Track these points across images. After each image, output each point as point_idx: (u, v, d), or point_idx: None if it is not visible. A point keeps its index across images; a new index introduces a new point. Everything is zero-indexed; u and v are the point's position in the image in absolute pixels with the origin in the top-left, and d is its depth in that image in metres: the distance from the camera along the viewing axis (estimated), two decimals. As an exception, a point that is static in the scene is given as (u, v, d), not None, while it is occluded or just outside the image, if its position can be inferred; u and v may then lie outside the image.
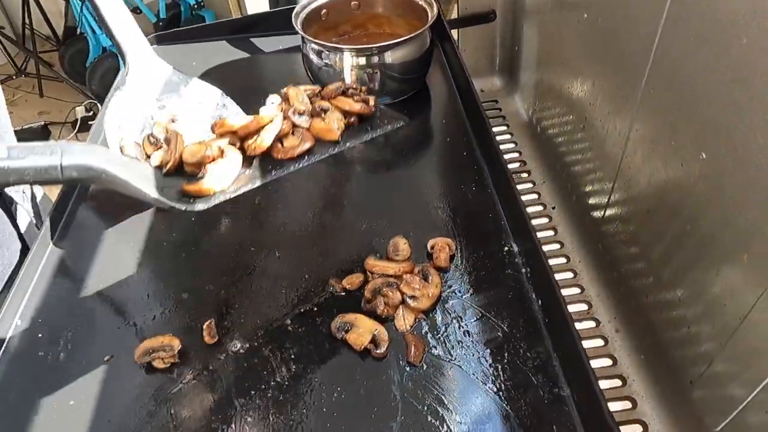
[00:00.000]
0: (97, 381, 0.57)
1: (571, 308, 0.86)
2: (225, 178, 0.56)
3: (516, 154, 1.14)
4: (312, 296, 0.64)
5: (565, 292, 0.88)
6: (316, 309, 0.63)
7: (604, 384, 0.77)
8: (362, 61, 0.85)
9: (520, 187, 1.07)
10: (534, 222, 1.00)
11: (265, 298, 0.64)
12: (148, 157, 0.61)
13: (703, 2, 0.56)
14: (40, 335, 0.62)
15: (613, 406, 0.74)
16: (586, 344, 0.81)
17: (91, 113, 2.74)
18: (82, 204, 0.78)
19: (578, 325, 0.83)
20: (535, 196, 1.05)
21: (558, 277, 0.91)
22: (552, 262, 0.93)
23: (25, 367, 0.59)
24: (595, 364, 0.79)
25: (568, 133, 0.99)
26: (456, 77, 0.97)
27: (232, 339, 0.60)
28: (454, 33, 1.23)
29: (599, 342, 0.82)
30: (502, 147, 1.16)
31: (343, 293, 0.64)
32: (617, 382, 0.77)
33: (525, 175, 1.10)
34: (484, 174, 0.78)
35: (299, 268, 0.67)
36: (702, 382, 0.66)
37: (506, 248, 0.68)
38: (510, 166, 1.12)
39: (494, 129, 1.19)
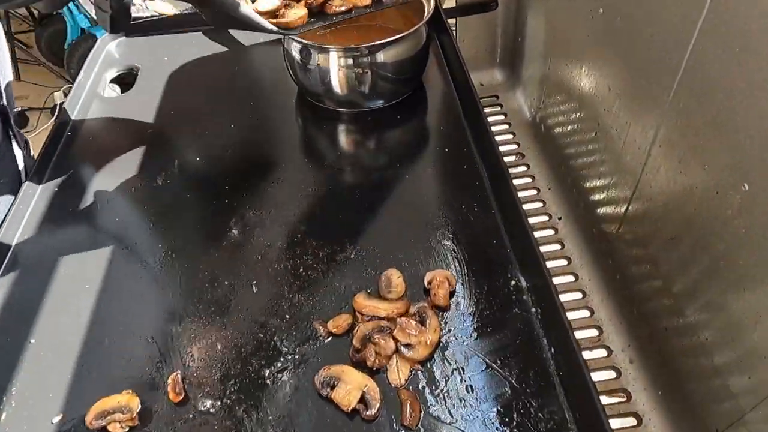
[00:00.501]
0: (43, 449, 0.50)
1: (581, 334, 0.80)
2: (299, 16, 0.70)
3: (519, 157, 1.06)
4: (293, 341, 0.56)
5: (573, 315, 0.82)
6: (297, 357, 0.55)
7: (617, 423, 0.70)
8: (351, 61, 0.76)
9: (523, 194, 0.99)
10: (538, 234, 0.93)
11: (239, 344, 0.56)
12: None
13: (746, 7, 0.47)
14: (-20, 390, 0.54)
15: (628, 451, 0.68)
16: (597, 377, 0.75)
17: (69, 99, 2.61)
18: (34, 224, 0.70)
19: (588, 354, 0.76)
20: (539, 204, 0.97)
21: (565, 298, 0.84)
22: (558, 281, 0.86)
23: (-38, 429, 0.52)
24: (607, 400, 0.72)
25: (577, 137, 0.91)
26: (455, 76, 0.88)
27: (201, 395, 0.53)
28: (451, 22, 1.14)
29: (611, 374, 0.75)
30: (503, 148, 1.08)
31: (329, 338, 0.56)
32: (631, 421, 0.70)
33: (528, 180, 1.02)
34: (487, 192, 0.70)
35: (279, 306, 0.59)
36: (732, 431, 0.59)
37: (513, 282, 0.60)
38: (513, 170, 1.04)
39: (495, 127, 1.11)
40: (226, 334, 0.57)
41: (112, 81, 0.95)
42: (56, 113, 2.70)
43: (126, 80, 0.95)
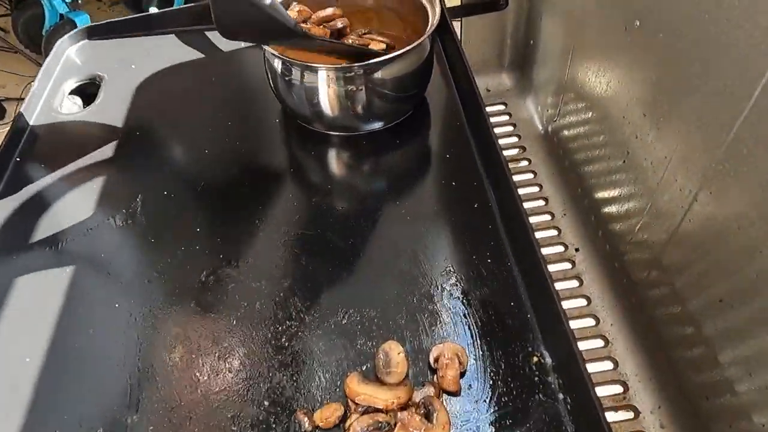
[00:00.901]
0: None
1: (602, 390, 0.70)
2: (323, 30, 0.72)
3: (530, 175, 0.96)
4: (272, 438, 0.47)
5: (593, 367, 0.72)
6: (276, 460, 0.45)
7: (648, 504, 0.61)
8: (342, 79, 0.65)
9: (535, 219, 0.89)
10: (552, 268, 0.83)
11: (207, 440, 0.47)
12: None
13: None
14: None
15: None
16: (624, 444, 0.66)
17: (48, 89, 2.47)
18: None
19: (612, 416, 0.67)
20: (553, 232, 0.87)
21: (585, 346, 0.74)
22: (576, 325, 0.76)
23: None
24: (636, 475, 0.64)
25: (596, 152, 0.81)
26: (459, 81, 0.77)
27: None
28: (455, 21, 1.03)
29: (640, 441, 0.66)
30: (511, 165, 0.98)
31: (315, 432, 0.47)
32: (665, 501, 0.62)
33: (541, 203, 0.91)
34: (501, 238, 0.60)
35: (256, 389, 0.50)
36: None
37: (535, 359, 0.50)
38: (522, 190, 0.94)
39: (502, 140, 1.00)
40: (191, 426, 0.47)
41: (73, 92, 0.84)
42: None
43: (87, 90, 0.84)
